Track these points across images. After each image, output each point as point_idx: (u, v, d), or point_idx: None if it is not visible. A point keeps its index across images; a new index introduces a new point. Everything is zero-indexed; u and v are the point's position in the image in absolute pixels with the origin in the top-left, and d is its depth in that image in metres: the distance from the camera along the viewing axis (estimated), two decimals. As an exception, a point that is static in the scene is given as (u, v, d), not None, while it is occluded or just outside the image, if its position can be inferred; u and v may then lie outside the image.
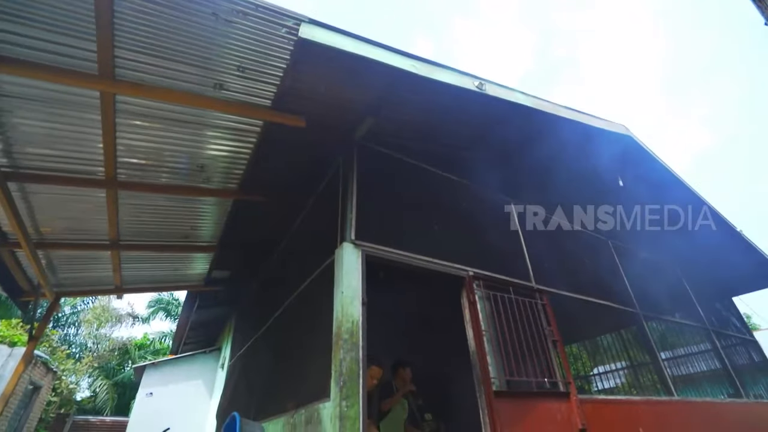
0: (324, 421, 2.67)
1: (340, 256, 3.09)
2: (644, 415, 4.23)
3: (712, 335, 6.69)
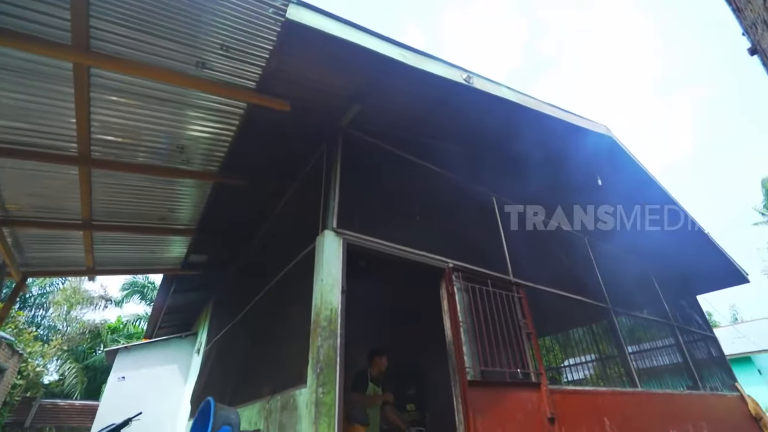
0: (300, 407, 2.69)
1: (321, 243, 3.08)
2: (609, 405, 4.42)
3: (675, 331, 7.02)
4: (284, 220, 4.76)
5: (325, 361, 2.62)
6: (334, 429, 2.49)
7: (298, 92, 3.39)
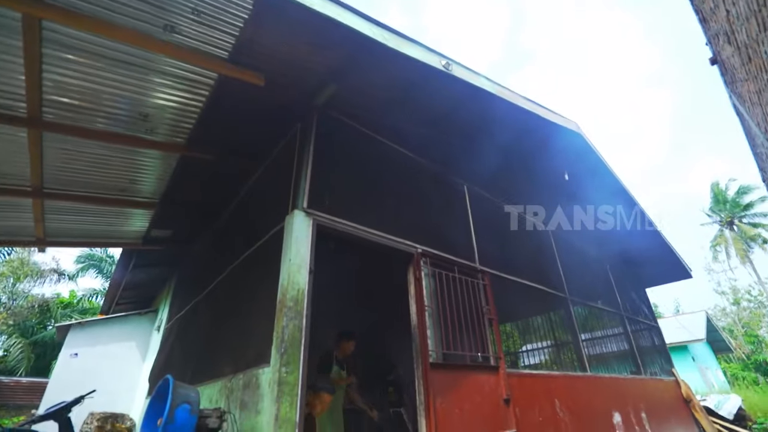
0: (262, 386, 2.68)
1: (290, 223, 3.03)
2: (560, 388, 4.69)
3: (625, 320, 7.50)
4: (254, 198, 4.64)
5: (289, 341, 2.61)
6: (296, 408, 2.51)
7: (273, 66, 3.26)
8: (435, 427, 3.08)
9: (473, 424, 3.39)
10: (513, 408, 3.82)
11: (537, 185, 6.30)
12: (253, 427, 2.62)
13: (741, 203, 29.68)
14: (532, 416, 4.04)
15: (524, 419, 3.90)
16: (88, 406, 5.11)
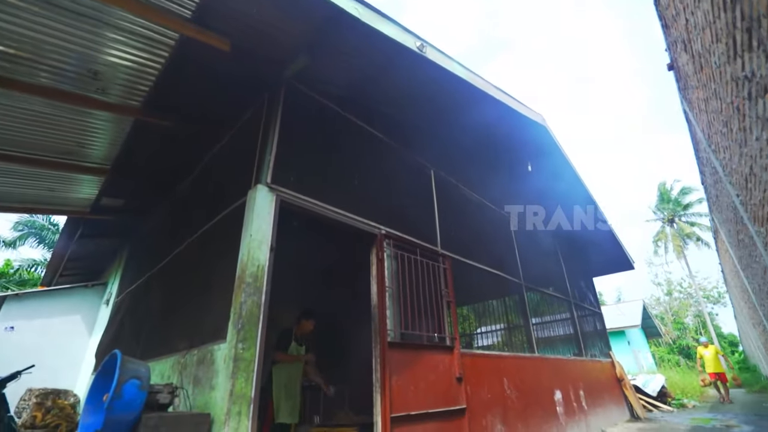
0: (217, 362, 2.64)
1: (252, 198, 2.94)
2: (509, 368, 4.98)
3: (572, 307, 8.02)
4: (214, 170, 4.45)
5: (247, 318, 2.58)
6: (252, 384, 2.50)
7: (240, 32, 3.09)
8: (389, 404, 3.18)
9: (426, 400, 3.53)
10: (465, 386, 4.01)
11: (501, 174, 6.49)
12: (207, 403, 2.59)
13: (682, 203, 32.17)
14: (482, 393, 4.27)
15: (474, 396, 4.11)
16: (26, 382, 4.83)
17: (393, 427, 3.14)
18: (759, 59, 1.88)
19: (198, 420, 2.40)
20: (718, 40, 2.43)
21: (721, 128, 3.41)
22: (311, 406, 6.01)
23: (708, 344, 10.78)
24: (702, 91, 3.58)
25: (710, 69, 2.94)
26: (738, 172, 3.46)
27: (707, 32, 2.61)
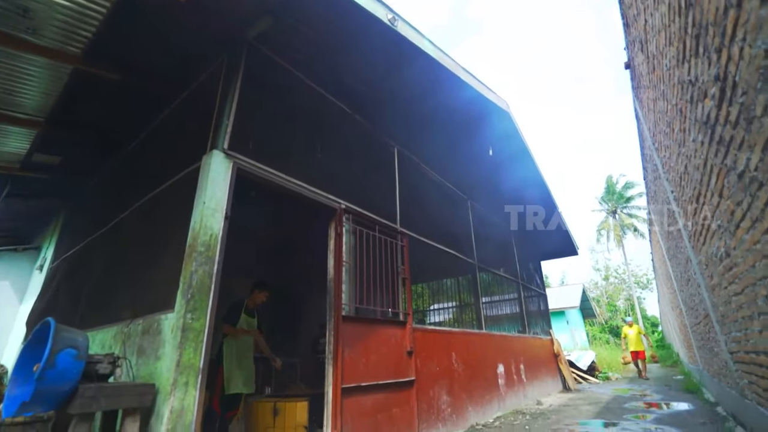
0: (164, 332, 2.55)
1: (207, 164, 2.79)
2: (458, 343, 5.23)
3: (520, 287, 8.50)
4: (167, 132, 4.17)
5: (197, 287, 2.49)
6: (200, 354, 2.45)
7: (198, -19, 2.84)
8: (341, 375, 3.25)
9: (377, 372, 3.65)
10: (415, 359, 4.17)
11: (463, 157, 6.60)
12: (152, 373, 2.51)
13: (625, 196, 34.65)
14: (431, 366, 4.47)
15: (423, 369, 4.30)
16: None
17: (343, 398, 3.22)
18: (703, 65, 2.01)
19: (142, 390, 2.32)
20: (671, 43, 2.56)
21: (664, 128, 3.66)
22: (263, 377, 6.02)
23: (632, 324, 11.25)
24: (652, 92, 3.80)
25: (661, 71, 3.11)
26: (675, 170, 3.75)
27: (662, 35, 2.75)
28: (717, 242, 2.86)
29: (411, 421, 3.86)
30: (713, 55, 1.81)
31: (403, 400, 3.86)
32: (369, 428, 3.39)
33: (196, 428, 2.31)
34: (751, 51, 1.42)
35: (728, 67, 1.67)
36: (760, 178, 1.69)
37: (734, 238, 2.37)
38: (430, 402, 4.29)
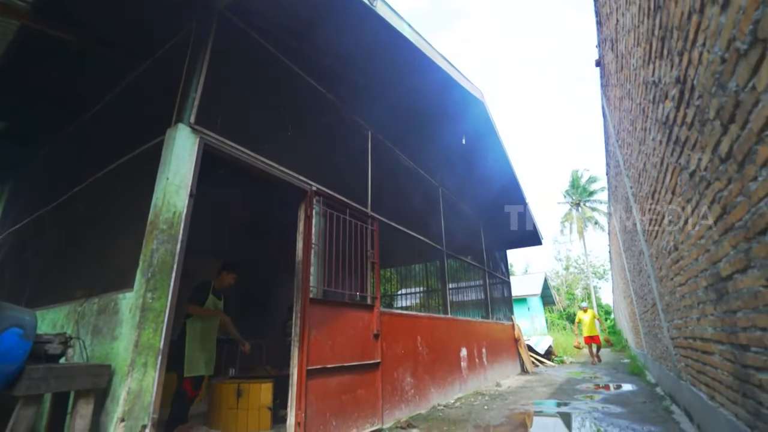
0: (122, 311, 2.45)
1: (171, 138, 2.66)
2: (424, 327, 5.36)
3: (486, 275, 8.77)
4: (129, 101, 3.92)
5: (159, 266, 2.40)
6: (161, 335, 2.38)
7: (164, -61, 2.65)
8: (306, 357, 3.26)
9: (343, 354, 3.69)
10: (381, 342, 4.25)
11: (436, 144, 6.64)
12: (107, 354, 2.41)
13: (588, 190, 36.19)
14: (397, 349, 4.57)
15: (389, 351, 4.38)
16: None
17: (309, 379, 3.24)
18: (666, 67, 2.10)
19: (96, 371, 2.24)
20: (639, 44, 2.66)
21: (628, 126, 3.82)
22: (227, 358, 5.95)
23: (587, 309, 11.22)
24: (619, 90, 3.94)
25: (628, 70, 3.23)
26: (634, 167, 3.94)
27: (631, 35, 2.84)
28: (667, 237, 3.05)
29: (375, 402, 3.95)
30: (676, 58, 1.89)
31: (368, 382, 3.93)
32: (333, 409, 3.44)
33: (155, 409, 2.26)
34: (709, 56, 1.49)
35: (688, 70, 1.76)
36: (708, 178, 1.80)
37: (682, 233, 2.53)
38: (395, 384, 4.40)
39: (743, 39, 1.20)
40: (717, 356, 2.33)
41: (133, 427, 2.16)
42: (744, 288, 1.64)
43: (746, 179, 1.40)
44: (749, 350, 1.74)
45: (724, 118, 1.47)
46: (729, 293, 1.85)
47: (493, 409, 4.91)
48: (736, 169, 1.47)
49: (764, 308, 1.48)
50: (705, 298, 2.31)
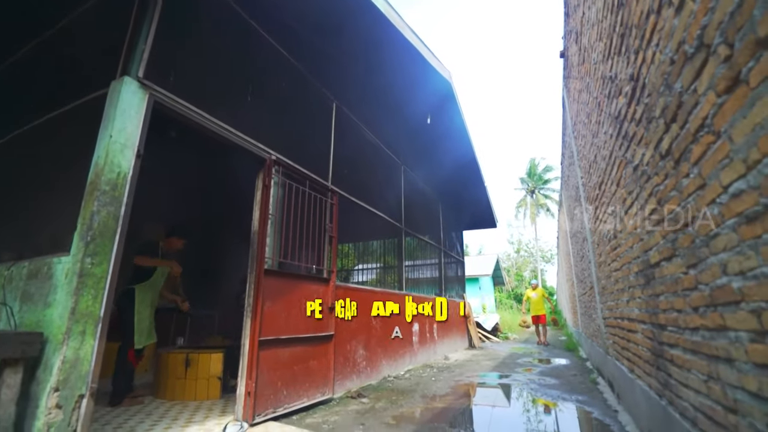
0: (57, 276, 2.28)
1: (116, 91, 2.44)
2: (378, 301, 5.47)
3: (441, 254, 9.04)
4: (69, 43, 3.52)
5: (99, 230, 2.24)
6: (101, 302, 2.25)
7: None
8: (259, 328, 3.23)
9: (297, 326, 3.69)
10: (335, 315, 4.29)
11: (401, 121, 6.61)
12: (39, 321, 2.25)
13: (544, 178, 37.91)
14: (351, 323, 4.64)
15: (343, 324, 4.45)
16: None
17: (261, 350, 3.23)
18: (622, 64, 2.19)
19: (25, 339, 2.08)
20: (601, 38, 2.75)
21: (584, 119, 4.00)
22: (176, 328, 5.78)
23: (537, 287, 10.76)
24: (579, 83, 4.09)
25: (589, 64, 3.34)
26: (586, 159, 4.16)
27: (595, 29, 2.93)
28: (609, 225, 3.28)
29: (327, 373, 4.02)
30: (632, 55, 1.98)
31: (321, 353, 3.99)
32: (285, 379, 3.47)
33: (93, 378, 2.16)
34: (661, 57, 1.57)
35: (641, 68, 1.85)
36: (648, 172, 1.94)
37: (622, 223, 2.73)
38: (347, 356, 4.49)
39: (691, 43, 1.28)
40: (639, 334, 2.58)
41: (69, 396, 2.06)
42: (668, 274, 1.81)
43: (680, 175, 1.52)
44: (666, 329, 1.94)
45: (667, 117, 1.58)
46: (655, 278, 2.04)
47: (440, 380, 5.17)
48: (672, 166, 1.59)
49: (682, 292, 1.64)
50: (635, 282, 2.53)
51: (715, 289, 1.31)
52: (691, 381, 1.64)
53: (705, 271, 1.39)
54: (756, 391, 1.10)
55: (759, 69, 0.93)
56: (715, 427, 1.44)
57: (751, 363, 1.12)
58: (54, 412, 2.01)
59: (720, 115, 1.15)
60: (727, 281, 1.21)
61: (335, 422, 3.21)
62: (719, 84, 1.13)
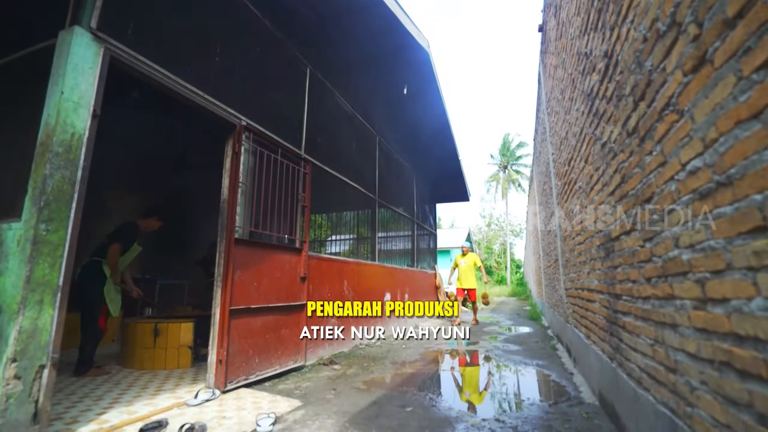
0: (7, 243, 2.15)
1: (65, 43, 2.23)
2: (351, 272, 5.53)
3: (414, 226, 9.16)
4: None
5: (53, 195, 2.11)
6: (59, 270, 2.15)
7: None
8: (230, 297, 3.21)
9: (269, 295, 3.69)
10: (308, 285, 4.31)
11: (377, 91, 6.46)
12: (-10, 289, 2.13)
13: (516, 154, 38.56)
14: (323, 291, 4.68)
15: (315, 293, 4.48)
16: None
17: (232, 319, 3.22)
18: (598, 40, 2.20)
19: (-25, 308, 1.98)
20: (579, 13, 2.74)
21: (558, 95, 4.04)
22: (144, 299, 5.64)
23: (468, 251, 8.22)
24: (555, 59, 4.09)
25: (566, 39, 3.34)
26: (558, 135, 4.24)
27: (574, 2, 2.91)
28: (575, 200, 3.40)
29: (299, 341, 4.07)
30: (608, 32, 1.99)
31: (293, 322, 4.02)
32: (257, 347, 3.49)
33: (54, 348, 2.10)
34: (635, 34, 1.59)
35: (615, 45, 1.86)
36: (615, 150, 2.00)
37: (587, 198, 2.83)
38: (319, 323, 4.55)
39: (664, 20, 1.29)
40: (597, 303, 2.75)
41: (29, 367, 1.99)
42: (626, 247, 1.92)
43: (644, 153, 1.58)
44: (621, 298, 2.07)
45: (636, 95, 1.61)
46: (614, 251, 2.15)
47: (410, 347, 5.36)
48: (637, 143, 1.65)
49: (638, 264, 1.74)
50: (596, 255, 2.67)
51: (667, 261, 1.40)
52: (639, 345, 1.78)
53: (659, 245, 1.47)
54: (694, 352, 1.21)
55: (724, 49, 0.95)
56: (657, 385, 1.58)
57: (692, 328, 1.21)
58: (12, 383, 1.94)
59: (685, 94, 1.18)
60: (678, 254, 1.30)
61: (307, 387, 3.29)
62: (686, 63, 1.15)
